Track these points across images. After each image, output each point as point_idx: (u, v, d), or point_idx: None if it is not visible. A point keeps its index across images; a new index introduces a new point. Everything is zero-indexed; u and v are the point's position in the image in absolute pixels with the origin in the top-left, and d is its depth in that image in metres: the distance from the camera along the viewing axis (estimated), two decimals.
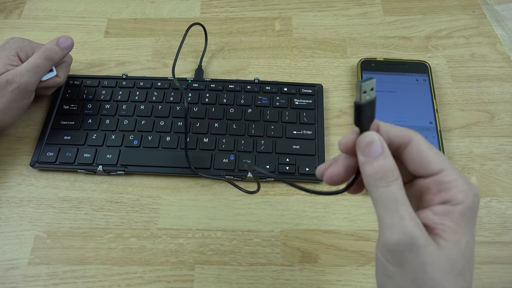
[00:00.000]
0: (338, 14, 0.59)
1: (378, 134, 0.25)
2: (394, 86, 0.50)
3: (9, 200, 0.45)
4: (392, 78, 0.51)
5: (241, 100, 0.50)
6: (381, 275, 0.25)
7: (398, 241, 0.22)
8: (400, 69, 0.52)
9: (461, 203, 0.23)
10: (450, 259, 0.22)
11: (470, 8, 0.59)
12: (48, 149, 0.47)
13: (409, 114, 0.48)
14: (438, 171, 0.24)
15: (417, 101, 0.49)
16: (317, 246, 0.42)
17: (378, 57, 0.53)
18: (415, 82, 0.51)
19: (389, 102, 0.49)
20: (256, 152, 0.46)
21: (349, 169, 0.26)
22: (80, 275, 0.41)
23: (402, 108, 0.49)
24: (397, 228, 0.22)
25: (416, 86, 0.51)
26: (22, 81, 0.42)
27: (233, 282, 0.41)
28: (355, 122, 0.25)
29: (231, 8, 0.60)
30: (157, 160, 0.46)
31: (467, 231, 0.23)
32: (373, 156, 0.24)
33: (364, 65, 0.52)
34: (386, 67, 0.52)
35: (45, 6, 0.60)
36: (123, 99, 0.50)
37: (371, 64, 0.52)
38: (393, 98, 0.50)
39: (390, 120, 0.48)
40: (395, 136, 0.25)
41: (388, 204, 0.23)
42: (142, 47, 0.56)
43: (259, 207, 0.44)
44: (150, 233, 0.43)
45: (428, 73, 0.51)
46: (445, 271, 0.22)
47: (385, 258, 0.24)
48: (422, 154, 0.24)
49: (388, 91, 0.50)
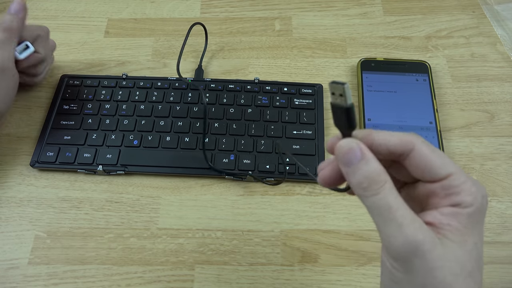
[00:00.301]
0: (338, 14, 0.59)
1: (355, 139, 0.23)
2: (394, 86, 0.50)
3: (9, 200, 0.45)
4: (392, 78, 0.51)
5: (241, 100, 0.50)
6: (388, 280, 0.24)
7: (401, 249, 0.22)
8: (400, 69, 0.52)
9: (470, 206, 0.22)
10: (459, 260, 0.22)
11: (470, 8, 0.59)
12: (48, 149, 0.47)
13: (409, 114, 0.48)
14: (445, 176, 0.23)
15: (417, 101, 0.49)
16: (317, 246, 0.42)
17: (378, 57, 0.53)
18: (415, 82, 0.51)
19: (389, 102, 0.49)
20: (256, 152, 0.46)
21: (341, 172, 0.24)
22: (80, 275, 0.41)
23: (402, 108, 0.49)
24: (398, 236, 0.22)
25: (416, 86, 0.50)
26: None
27: (233, 282, 0.41)
28: (334, 123, 0.25)
29: (231, 8, 0.60)
30: (157, 160, 0.46)
31: (474, 232, 0.23)
32: (353, 164, 0.23)
33: (364, 65, 0.52)
34: (386, 67, 0.52)
35: (45, 6, 0.60)
36: (123, 99, 0.50)
37: (371, 64, 0.52)
38: (393, 98, 0.50)
39: (390, 120, 0.48)
40: (395, 146, 0.23)
41: (382, 212, 0.22)
42: (142, 47, 0.56)
43: (259, 207, 0.44)
44: (150, 233, 0.43)
45: (428, 73, 0.51)
46: (455, 273, 0.22)
47: (391, 265, 0.23)
48: (427, 160, 0.23)
49: (388, 91, 0.50)
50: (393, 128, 0.48)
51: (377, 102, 0.49)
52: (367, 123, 0.48)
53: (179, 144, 0.47)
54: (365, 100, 0.50)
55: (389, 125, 0.48)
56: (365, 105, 0.49)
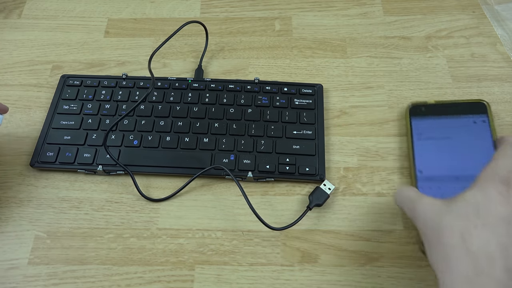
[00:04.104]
0: (338, 14, 0.59)
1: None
2: (448, 131, 0.45)
3: (9, 200, 0.45)
4: (445, 123, 0.46)
5: (241, 100, 0.50)
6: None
7: None
8: (454, 111, 0.46)
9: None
10: None
11: (470, 8, 0.59)
12: (48, 149, 0.47)
13: (466, 162, 0.43)
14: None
15: (475, 146, 0.44)
16: (317, 246, 0.42)
17: (428, 101, 0.48)
18: (473, 125, 0.45)
19: (443, 150, 0.44)
20: (256, 152, 0.46)
21: None
22: (80, 275, 0.41)
23: (459, 155, 0.43)
24: None
25: (474, 129, 0.45)
26: None
27: (233, 282, 0.41)
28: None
29: (231, 8, 0.60)
30: (157, 160, 0.46)
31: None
32: None
33: (413, 111, 0.47)
34: (438, 110, 0.47)
35: (45, 6, 0.60)
36: (123, 99, 0.50)
37: (421, 109, 0.47)
38: (447, 145, 0.44)
39: (445, 170, 0.43)
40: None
41: None
42: (142, 47, 0.56)
43: (259, 207, 0.44)
44: (150, 233, 0.43)
45: (487, 113, 0.46)
46: None
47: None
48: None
49: (442, 138, 0.45)
50: (449, 180, 0.42)
51: (430, 151, 0.44)
52: (419, 176, 0.43)
53: (179, 144, 0.47)
54: (415, 150, 0.45)
55: (444, 176, 0.43)
56: (415, 156, 0.44)
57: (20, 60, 0.55)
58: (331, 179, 0.46)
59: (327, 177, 0.46)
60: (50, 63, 0.55)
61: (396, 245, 0.42)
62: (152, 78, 0.40)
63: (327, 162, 0.47)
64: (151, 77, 0.39)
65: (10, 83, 0.53)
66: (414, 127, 0.46)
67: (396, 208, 0.44)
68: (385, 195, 0.45)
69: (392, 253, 0.42)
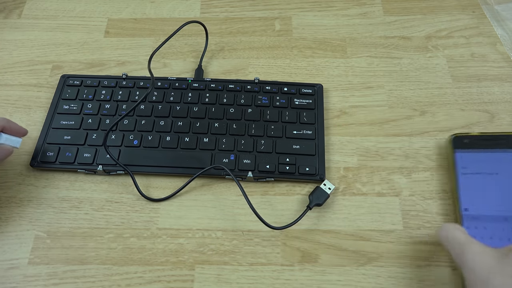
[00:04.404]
0: (338, 14, 0.59)
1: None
2: (496, 166, 0.42)
3: (9, 200, 0.45)
4: (492, 156, 0.43)
5: (241, 100, 0.50)
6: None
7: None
8: (501, 144, 0.43)
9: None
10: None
11: (470, 8, 0.59)
12: (48, 149, 0.47)
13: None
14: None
15: None
16: (317, 246, 0.42)
17: (472, 132, 0.46)
18: None
19: (491, 186, 0.41)
20: (256, 152, 0.46)
21: None
22: (80, 275, 0.41)
23: (508, 193, 0.41)
24: None
25: None
26: None
27: (233, 282, 0.41)
28: None
29: (231, 8, 0.60)
30: (157, 160, 0.46)
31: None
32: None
33: (456, 142, 0.44)
34: (483, 143, 0.43)
35: (45, 6, 0.60)
36: (123, 99, 0.50)
37: (463, 141, 0.44)
38: (495, 181, 0.41)
39: (493, 209, 0.40)
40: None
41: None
42: (142, 47, 0.56)
43: (259, 207, 0.44)
44: (150, 233, 0.43)
45: None
46: None
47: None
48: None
49: (488, 173, 0.42)
50: (498, 220, 0.40)
51: (476, 187, 0.41)
52: (464, 214, 0.41)
53: (179, 144, 0.47)
54: (460, 186, 0.42)
55: (492, 216, 0.40)
56: (460, 192, 0.41)
57: (20, 60, 0.55)
58: (331, 179, 0.46)
59: (327, 177, 0.46)
60: (50, 63, 0.55)
61: (396, 245, 0.42)
62: (152, 78, 0.40)
63: (327, 162, 0.47)
64: (151, 77, 0.39)
65: (10, 83, 0.53)
66: (458, 160, 0.43)
67: (396, 208, 0.44)
68: (385, 195, 0.45)
69: (392, 253, 0.42)
